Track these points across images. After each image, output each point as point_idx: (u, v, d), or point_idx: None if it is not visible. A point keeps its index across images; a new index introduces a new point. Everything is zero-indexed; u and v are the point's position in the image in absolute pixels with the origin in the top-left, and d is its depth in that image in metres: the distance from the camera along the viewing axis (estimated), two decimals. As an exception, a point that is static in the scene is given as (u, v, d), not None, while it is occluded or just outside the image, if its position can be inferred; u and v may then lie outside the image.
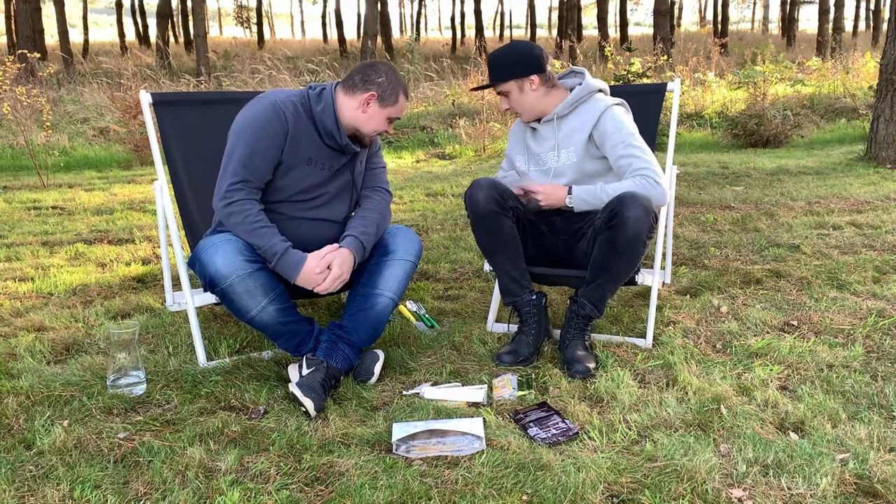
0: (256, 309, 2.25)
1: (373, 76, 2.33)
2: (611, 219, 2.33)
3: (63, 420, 2.06)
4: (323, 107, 2.33)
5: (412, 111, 10.61)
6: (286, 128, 2.27)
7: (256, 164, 2.26)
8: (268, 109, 2.27)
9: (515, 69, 2.56)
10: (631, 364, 2.44)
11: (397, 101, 2.36)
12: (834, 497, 1.69)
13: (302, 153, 2.32)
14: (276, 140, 2.27)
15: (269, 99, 2.30)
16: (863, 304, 3.00)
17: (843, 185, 5.67)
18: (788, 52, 18.64)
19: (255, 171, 2.26)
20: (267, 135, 2.26)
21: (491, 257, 2.57)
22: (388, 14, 26.48)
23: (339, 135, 2.34)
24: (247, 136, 2.26)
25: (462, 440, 1.93)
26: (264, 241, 2.24)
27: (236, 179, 2.25)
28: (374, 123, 2.36)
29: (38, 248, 4.17)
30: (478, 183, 2.49)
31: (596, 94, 2.62)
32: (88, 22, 29.59)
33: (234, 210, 2.24)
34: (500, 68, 2.57)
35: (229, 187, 2.25)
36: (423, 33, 43.77)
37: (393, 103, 2.35)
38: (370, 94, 2.31)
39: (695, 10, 57.51)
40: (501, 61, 2.57)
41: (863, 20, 40.03)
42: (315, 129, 2.34)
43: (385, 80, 2.33)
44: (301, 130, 2.31)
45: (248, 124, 2.27)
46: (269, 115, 2.26)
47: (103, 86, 11.98)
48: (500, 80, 2.57)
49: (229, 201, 2.25)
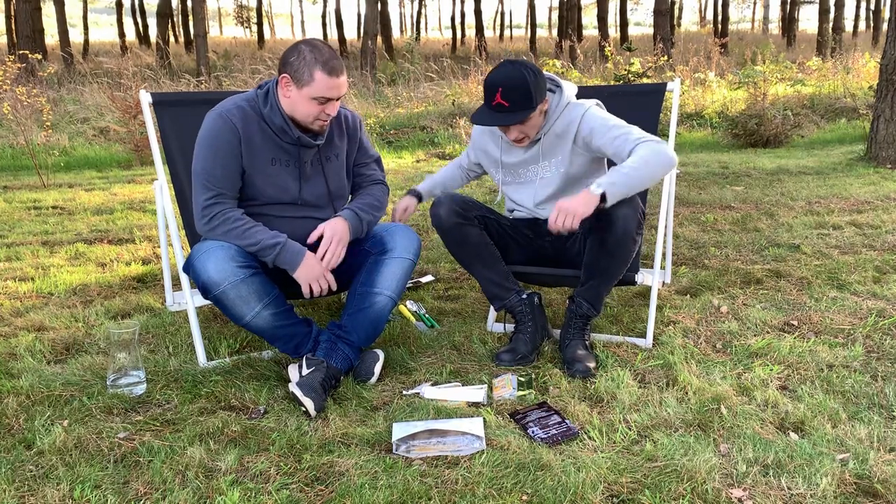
0: (251, 314, 2.24)
1: (287, 57, 2.21)
2: (598, 219, 2.32)
3: (63, 420, 2.06)
4: (269, 105, 2.29)
5: (412, 111, 10.61)
6: (238, 134, 2.25)
7: (219, 175, 2.25)
8: (216, 122, 2.26)
9: (541, 92, 2.36)
10: (631, 364, 2.44)
11: (313, 77, 2.17)
12: (834, 497, 1.69)
13: (263, 155, 2.30)
14: (230, 149, 2.25)
15: (216, 111, 2.28)
16: (863, 303, 3.00)
17: (844, 185, 5.67)
18: (788, 52, 18.63)
19: (222, 183, 2.26)
20: (220, 146, 2.24)
21: (468, 267, 2.59)
22: (388, 14, 26.46)
23: (290, 130, 2.29)
24: (203, 153, 2.26)
25: (462, 440, 1.93)
26: (259, 238, 2.24)
27: (208, 196, 2.25)
28: (301, 108, 2.23)
29: (39, 248, 4.17)
30: (438, 199, 2.52)
31: (571, 102, 2.49)
32: (88, 22, 29.58)
33: (217, 222, 2.24)
34: (527, 96, 2.31)
35: (204, 204, 2.26)
36: (423, 33, 43.77)
37: (308, 82, 2.18)
38: (284, 77, 2.22)
39: (695, 10, 57.52)
40: (525, 87, 2.30)
41: (863, 20, 40.03)
42: (269, 129, 2.30)
43: (297, 58, 2.18)
44: (254, 133, 2.28)
45: (201, 142, 2.28)
46: (218, 126, 2.25)
47: (103, 86, 11.98)
48: (531, 108, 2.34)
49: (209, 217, 2.25)
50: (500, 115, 2.34)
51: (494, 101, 2.31)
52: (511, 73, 2.31)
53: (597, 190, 2.20)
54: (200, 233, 2.30)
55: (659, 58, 11.38)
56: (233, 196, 2.29)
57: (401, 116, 10.29)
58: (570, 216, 2.17)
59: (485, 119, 2.36)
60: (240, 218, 2.26)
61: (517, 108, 2.32)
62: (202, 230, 2.29)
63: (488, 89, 2.34)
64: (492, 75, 2.34)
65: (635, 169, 2.23)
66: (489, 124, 2.36)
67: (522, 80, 2.29)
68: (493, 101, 2.32)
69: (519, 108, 2.31)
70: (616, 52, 11.34)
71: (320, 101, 2.22)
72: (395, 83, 13.47)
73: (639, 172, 2.23)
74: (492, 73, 2.35)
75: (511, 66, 2.34)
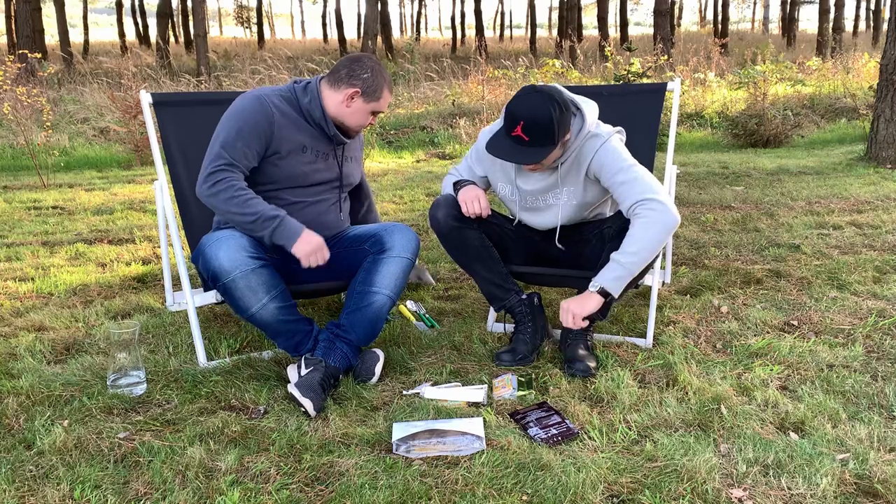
0: (257, 306, 2.25)
1: (358, 71, 2.36)
2: (621, 231, 2.31)
3: (63, 420, 2.06)
4: (310, 99, 2.39)
5: (412, 111, 10.61)
6: (271, 118, 2.33)
7: (239, 148, 2.29)
8: (252, 101, 2.34)
9: (564, 127, 2.24)
10: (631, 364, 2.44)
11: (381, 96, 2.40)
12: (834, 497, 1.69)
13: (294, 141, 2.38)
14: (259, 128, 2.31)
15: (253, 93, 2.38)
16: (863, 303, 3.00)
17: (844, 185, 5.67)
18: (788, 52, 18.64)
19: (237, 156, 2.29)
20: (250, 123, 2.30)
21: (467, 269, 2.59)
22: (388, 14, 26.48)
23: (327, 125, 2.41)
24: (230, 125, 2.31)
25: (462, 440, 1.93)
26: (259, 209, 2.27)
27: (220, 163, 2.28)
28: (357, 118, 2.41)
29: (39, 248, 4.17)
30: (437, 202, 2.51)
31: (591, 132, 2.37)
32: (88, 22, 29.60)
33: (221, 187, 2.25)
34: (549, 133, 2.19)
35: (213, 168, 2.27)
36: (424, 33, 43.79)
37: (377, 99, 2.39)
38: (354, 90, 2.36)
39: (695, 10, 57.52)
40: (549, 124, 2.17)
41: (863, 20, 40.04)
42: (304, 120, 2.40)
43: (370, 75, 2.36)
44: (289, 120, 2.37)
45: (231, 115, 2.33)
46: (254, 105, 2.33)
47: (103, 86, 11.99)
48: (552, 146, 2.22)
49: (214, 181, 2.26)
50: (519, 148, 2.22)
51: (514, 131, 2.21)
52: (536, 108, 2.17)
53: (593, 287, 2.23)
54: (200, 196, 2.30)
55: (659, 58, 11.38)
56: (242, 170, 2.32)
57: (401, 116, 10.29)
58: (577, 316, 2.26)
59: (502, 153, 2.24)
60: (244, 188, 2.29)
61: (537, 143, 2.20)
62: (203, 193, 2.28)
63: (509, 118, 2.22)
64: (516, 105, 2.21)
65: (635, 254, 2.19)
66: (507, 160, 2.25)
67: (547, 117, 2.16)
68: (513, 131, 2.21)
69: (539, 143, 2.20)
70: (616, 51, 11.35)
71: (375, 114, 2.43)
72: (395, 83, 13.49)
73: (639, 257, 2.19)
74: (516, 102, 2.21)
75: (538, 97, 2.18)
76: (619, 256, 2.21)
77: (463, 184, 2.55)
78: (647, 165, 2.92)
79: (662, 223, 2.20)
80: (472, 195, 2.47)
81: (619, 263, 2.20)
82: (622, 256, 2.20)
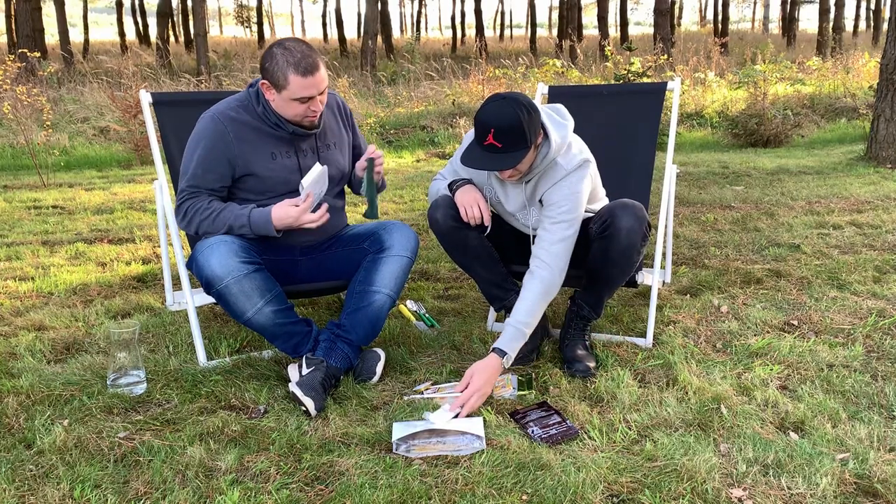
0: (253, 310, 2.25)
1: (263, 62, 2.25)
2: (604, 229, 2.32)
3: (63, 419, 2.06)
4: (262, 104, 2.34)
5: (412, 111, 10.61)
6: (227, 137, 2.31)
7: (199, 175, 2.33)
8: (207, 124, 2.33)
9: (535, 128, 2.19)
10: (631, 364, 2.45)
11: (288, 80, 2.19)
12: (834, 497, 1.69)
13: (261, 150, 2.35)
14: (216, 151, 2.31)
15: (208, 114, 2.35)
16: (863, 303, 3.00)
17: (844, 184, 5.67)
18: (788, 52, 18.63)
19: (202, 182, 2.33)
20: (207, 147, 2.31)
21: (466, 269, 2.58)
22: (388, 13, 26.46)
23: (284, 125, 2.34)
24: (189, 154, 2.36)
25: (462, 440, 1.93)
26: (227, 223, 2.29)
27: (183, 195, 2.36)
28: (286, 110, 2.28)
29: (39, 248, 4.17)
30: (435, 202, 2.48)
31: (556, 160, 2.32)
32: (88, 21, 29.56)
33: (190, 215, 2.33)
34: (521, 136, 2.15)
35: (178, 202, 2.36)
36: (424, 33, 43.77)
37: (284, 85, 2.21)
38: (264, 84, 2.29)
39: (695, 10, 57.51)
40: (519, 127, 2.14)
41: (863, 20, 40.03)
42: (265, 125, 2.35)
43: (270, 62, 2.21)
44: (248, 132, 2.33)
45: (191, 142, 2.36)
46: (209, 128, 2.32)
47: (103, 85, 11.98)
48: (526, 148, 2.18)
49: (182, 213, 2.36)
50: (493, 156, 2.18)
51: (486, 140, 2.16)
52: (504, 113, 2.13)
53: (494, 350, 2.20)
54: (182, 230, 2.40)
55: (659, 57, 11.38)
56: (209, 191, 2.34)
57: (401, 116, 10.28)
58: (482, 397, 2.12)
59: (477, 163, 2.20)
60: (207, 207, 2.31)
61: (511, 148, 2.16)
62: (181, 226, 2.39)
63: (480, 127, 2.17)
64: (484, 114, 2.16)
65: (527, 318, 2.22)
66: (483, 168, 2.20)
67: (516, 120, 2.13)
68: (485, 140, 2.16)
69: (513, 148, 2.17)
70: (616, 51, 11.34)
71: (301, 100, 2.24)
72: (396, 83, 13.47)
73: (533, 318, 2.23)
74: (484, 111, 2.17)
75: (504, 103, 2.15)
76: (515, 322, 2.22)
77: (459, 184, 2.49)
78: (648, 165, 2.93)
79: (548, 293, 2.26)
80: (470, 199, 2.42)
81: (516, 328, 2.22)
82: (517, 323, 2.22)
